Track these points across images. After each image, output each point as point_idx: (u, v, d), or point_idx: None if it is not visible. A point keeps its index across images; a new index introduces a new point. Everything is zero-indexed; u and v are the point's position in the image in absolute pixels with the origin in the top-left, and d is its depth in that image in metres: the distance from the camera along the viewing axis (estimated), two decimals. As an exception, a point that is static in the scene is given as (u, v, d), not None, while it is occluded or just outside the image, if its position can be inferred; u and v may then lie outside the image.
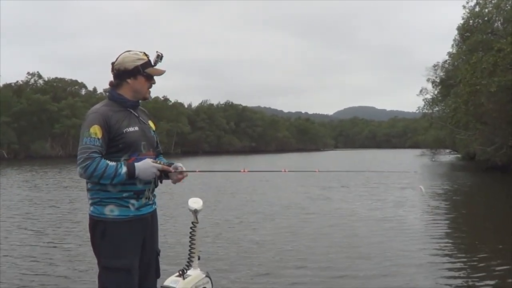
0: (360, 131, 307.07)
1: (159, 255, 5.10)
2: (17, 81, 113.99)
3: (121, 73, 4.71)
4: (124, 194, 4.59)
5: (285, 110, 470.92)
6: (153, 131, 5.02)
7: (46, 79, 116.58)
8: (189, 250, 5.76)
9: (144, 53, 4.79)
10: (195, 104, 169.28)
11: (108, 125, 4.52)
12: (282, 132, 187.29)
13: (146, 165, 4.56)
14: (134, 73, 4.70)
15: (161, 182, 4.95)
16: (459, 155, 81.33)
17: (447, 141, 73.46)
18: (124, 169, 4.44)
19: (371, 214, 18.58)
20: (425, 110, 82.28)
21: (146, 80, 4.76)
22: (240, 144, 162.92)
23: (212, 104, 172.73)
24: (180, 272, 5.57)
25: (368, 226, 16.08)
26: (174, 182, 4.98)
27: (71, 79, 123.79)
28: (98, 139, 4.44)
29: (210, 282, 5.91)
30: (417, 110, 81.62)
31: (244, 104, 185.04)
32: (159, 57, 4.80)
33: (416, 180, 34.49)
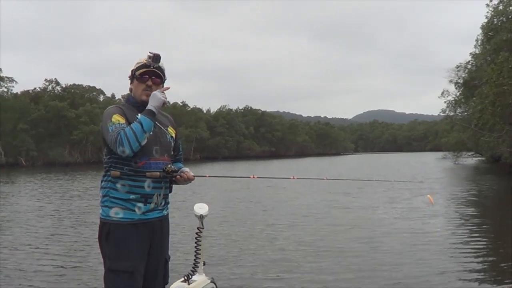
0: (380, 134, 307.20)
1: (168, 262, 5.11)
2: (35, 88, 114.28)
3: (130, 78, 4.95)
4: (131, 196, 4.64)
5: (304, 115, 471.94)
6: (171, 137, 5.07)
7: (64, 85, 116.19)
8: (195, 255, 5.86)
9: (148, 55, 4.85)
10: (214, 109, 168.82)
11: (126, 117, 4.67)
12: (301, 136, 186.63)
13: (152, 98, 4.72)
14: (132, 77, 4.90)
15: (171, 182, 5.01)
16: (482, 158, 79.93)
17: (470, 144, 72.26)
18: (139, 115, 4.62)
19: (393, 221, 18.17)
20: (448, 113, 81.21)
21: (139, 82, 4.85)
22: (260, 149, 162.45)
23: (231, 109, 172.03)
24: (185, 278, 5.71)
25: (389, 233, 15.72)
26: (182, 184, 5.03)
27: (89, 86, 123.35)
28: (123, 123, 4.58)
29: (215, 287, 6.02)
30: (440, 112, 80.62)
31: (263, 109, 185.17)
32: (151, 58, 4.83)
33: (437, 186, 33.36)
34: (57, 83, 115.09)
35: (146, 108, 4.65)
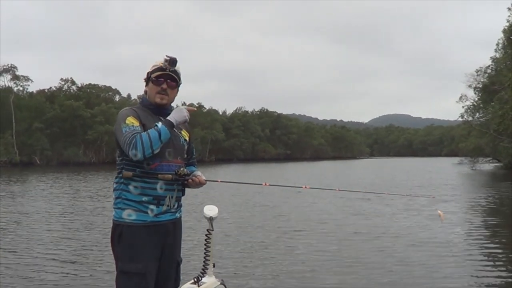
0: (395, 139, 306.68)
1: (180, 265, 5.07)
2: (50, 87, 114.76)
3: (145, 81, 4.94)
4: (144, 198, 4.61)
5: (320, 118, 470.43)
6: (185, 140, 5.06)
7: (80, 85, 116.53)
8: (204, 257, 5.80)
9: (164, 58, 4.81)
10: (229, 111, 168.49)
11: (140, 119, 4.65)
12: (317, 139, 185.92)
13: (176, 111, 4.77)
14: (147, 80, 4.87)
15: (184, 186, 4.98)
16: (500, 164, 78.95)
17: (488, 149, 71.48)
18: (160, 123, 4.56)
19: (412, 231, 17.23)
20: (466, 117, 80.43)
21: (154, 84, 4.82)
22: (275, 152, 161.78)
23: (247, 111, 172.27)
24: (195, 280, 5.67)
25: (410, 243, 14.89)
26: (194, 187, 5.01)
27: (104, 85, 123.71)
28: (137, 126, 4.56)
29: None
30: (458, 117, 79.90)
31: (278, 111, 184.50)
32: (167, 61, 4.79)
33: (455, 193, 32.62)
34: (73, 83, 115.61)
35: (168, 118, 4.68)
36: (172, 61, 4.79)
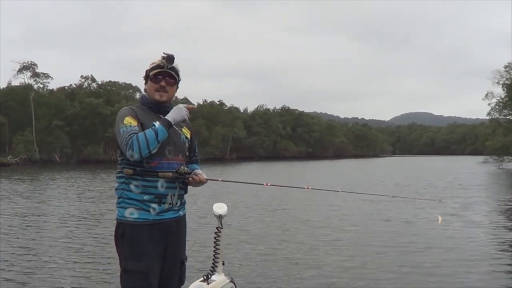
0: (418, 137, 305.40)
1: (184, 263, 5.02)
2: (71, 85, 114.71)
3: (144, 79, 4.97)
4: (145, 197, 4.62)
5: (341, 116, 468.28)
6: (186, 137, 5.05)
7: (100, 82, 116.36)
8: (214, 255, 5.83)
9: (162, 56, 4.84)
10: (251, 108, 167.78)
11: (138, 118, 4.65)
12: (339, 137, 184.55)
13: (175, 109, 4.73)
14: (146, 78, 4.89)
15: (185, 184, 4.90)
16: (528, 163, 77.40)
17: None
18: (157, 123, 4.57)
19: (436, 234, 16.33)
20: (493, 115, 79.08)
21: (152, 82, 4.83)
22: (297, 150, 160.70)
23: (268, 109, 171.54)
24: (205, 277, 5.69)
25: (436, 246, 14.31)
26: (194, 186, 4.96)
27: (125, 83, 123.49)
28: (135, 125, 4.58)
29: (234, 287, 6.01)
30: (486, 115, 78.57)
31: (300, 109, 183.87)
32: (165, 58, 4.80)
33: (483, 194, 31.29)
34: (93, 80, 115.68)
35: (166, 117, 4.66)
36: (169, 58, 4.81)
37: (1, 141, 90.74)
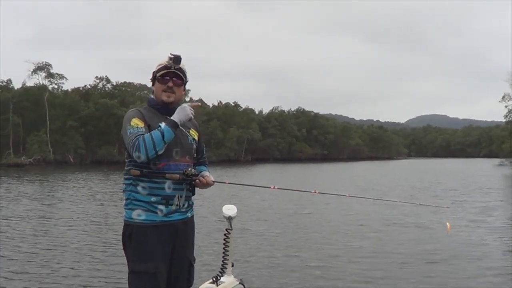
0: (433, 139, 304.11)
1: (192, 264, 5.04)
2: (85, 85, 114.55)
3: (151, 81, 4.97)
4: (152, 199, 4.65)
5: (357, 118, 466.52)
6: (193, 139, 5.07)
7: (115, 83, 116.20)
8: (223, 257, 5.83)
9: (169, 57, 4.85)
10: (266, 110, 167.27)
11: (145, 120, 4.67)
12: (354, 140, 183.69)
13: (179, 109, 4.72)
14: (153, 79, 4.91)
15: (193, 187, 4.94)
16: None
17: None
18: (163, 124, 4.57)
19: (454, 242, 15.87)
20: (510, 117, 78.35)
21: (160, 83, 4.85)
22: (312, 152, 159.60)
23: (283, 111, 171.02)
24: (214, 279, 5.69)
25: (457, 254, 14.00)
26: (201, 188, 4.99)
27: (140, 84, 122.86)
28: (141, 127, 4.61)
29: None
30: (503, 117, 77.83)
31: (314, 111, 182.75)
32: (171, 59, 4.81)
33: (501, 198, 30.72)
34: (108, 81, 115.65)
35: (171, 118, 4.66)
36: (176, 59, 4.80)
37: (16, 141, 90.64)
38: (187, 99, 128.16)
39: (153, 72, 4.88)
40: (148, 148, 4.45)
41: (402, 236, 16.74)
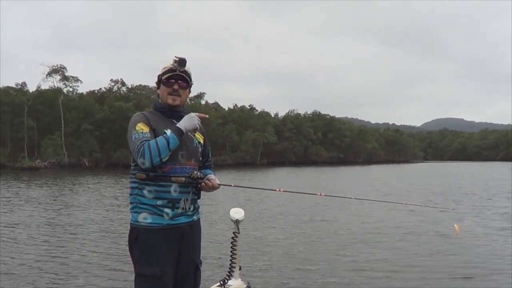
0: (449, 143, 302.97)
1: (199, 267, 5.04)
2: (100, 88, 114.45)
3: (157, 84, 5.00)
4: (159, 202, 4.66)
5: (372, 121, 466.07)
6: (199, 142, 5.08)
7: (130, 86, 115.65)
8: (230, 260, 5.81)
9: (174, 59, 4.85)
10: (281, 113, 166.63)
11: (150, 124, 4.69)
12: (371, 143, 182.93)
13: (187, 118, 4.73)
14: (158, 83, 4.91)
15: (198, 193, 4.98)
16: None
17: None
18: (169, 131, 4.60)
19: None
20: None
21: (165, 86, 4.86)
22: (327, 155, 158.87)
23: (299, 114, 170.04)
24: (221, 282, 5.73)
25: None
26: (207, 191, 5.00)
27: (155, 87, 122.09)
28: (146, 132, 4.62)
29: None
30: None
31: (330, 114, 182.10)
32: (177, 62, 4.81)
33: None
34: (123, 84, 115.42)
35: (178, 125, 4.67)
36: (181, 62, 4.80)
37: (30, 144, 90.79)
38: (202, 102, 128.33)
39: (158, 75, 4.91)
40: (153, 155, 4.47)
41: (420, 245, 16.07)
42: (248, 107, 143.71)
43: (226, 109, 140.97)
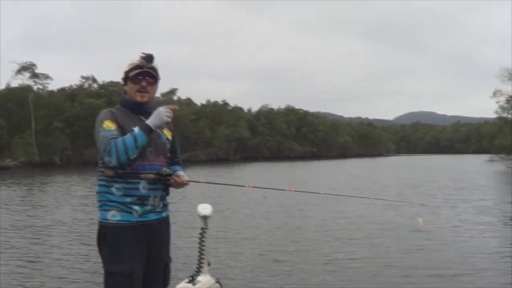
0: (422, 136, 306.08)
1: (168, 264, 5.07)
2: (71, 85, 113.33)
3: (123, 80, 4.95)
4: (127, 199, 4.63)
5: (345, 116, 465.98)
6: (167, 138, 5.05)
7: (101, 83, 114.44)
8: (199, 256, 5.90)
9: (141, 56, 4.84)
10: (255, 108, 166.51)
11: (117, 121, 4.65)
12: (343, 137, 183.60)
13: (155, 114, 4.66)
14: (125, 79, 4.88)
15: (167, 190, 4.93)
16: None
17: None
18: (137, 129, 4.53)
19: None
20: (501, 113, 77.96)
21: (133, 83, 4.81)
22: (301, 150, 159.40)
23: (272, 109, 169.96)
24: (190, 278, 5.80)
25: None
26: (176, 188, 5.00)
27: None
28: (114, 129, 4.56)
29: None
30: (494, 113, 77.51)
31: (304, 110, 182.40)
32: (144, 58, 4.81)
33: (499, 195, 30.30)
34: (94, 80, 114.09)
35: (146, 122, 4.62)
36: (148, 58, 4.80)
37: (0, 144, 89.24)
38: (175, 98, 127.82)
39: (125, 72, 4.84)
40: (120, 153, 4.41)
41: (398, 241, 15.78)
42: (221, 103, 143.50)
43: (199, 104, 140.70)
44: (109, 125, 4.57)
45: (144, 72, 4.76)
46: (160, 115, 4.65)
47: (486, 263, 12.67)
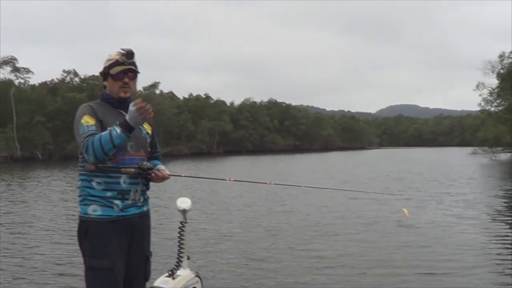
0: (405, 129, 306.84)
1: (149, 259, 5.09)
2: (52, 80, 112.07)
3: (102, 75, 4.94)
4: (108, 194, 4.64)
5: (328, 109, 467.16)
6: (147, 133, 5.08)
7: (83, 76, 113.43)
8: (178, 250, 5.89)
9: (121, 52, 4.81)
10: (237, 102, 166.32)
11: (97, 116, 4.65)
12: (326, 130, 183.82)
13: (130, 114, 4.51)
14: (105, 75, 4.86)
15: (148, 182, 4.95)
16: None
17: (509, 138, 68.72)
18: (118, 129, 4.44)
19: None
20: (484, 106, 78.07)
21: (114, 80, 4.80)
22: (284, 143, 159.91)
23: (255, 102, 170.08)
24: (170, 272, 5.77)
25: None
26: (157, 182, 5.01)
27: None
28: (92, 125, 4.57)
29: (200, 282, 6.16)
30: (477, 105, 77.61)
31: (287, 103, 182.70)
32: (124, 55, 4.79)
33: (482, 187, 30.50)
34: (76, 74, 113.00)
35: (126, 120, 4.49)
36: (129, 54, 4.78)
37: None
38: (157, 91, 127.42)
39: (105, 67, 4.82)
40: (96, 150, 4.40)
41: (384, 236, 15.40)
42: (204, 96, 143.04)
43: (181, 98, 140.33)
44: (87, 121, 4.57)
45: (125, 69, 4.76)
46: (131, 114, 4.50)
47: (471, 256, 12.48)
